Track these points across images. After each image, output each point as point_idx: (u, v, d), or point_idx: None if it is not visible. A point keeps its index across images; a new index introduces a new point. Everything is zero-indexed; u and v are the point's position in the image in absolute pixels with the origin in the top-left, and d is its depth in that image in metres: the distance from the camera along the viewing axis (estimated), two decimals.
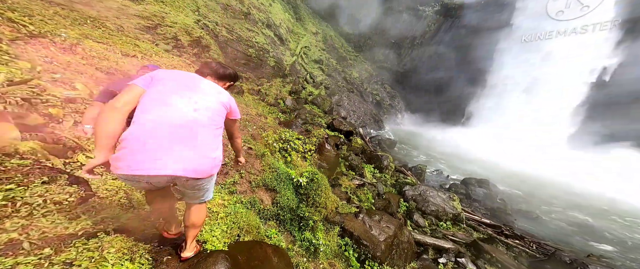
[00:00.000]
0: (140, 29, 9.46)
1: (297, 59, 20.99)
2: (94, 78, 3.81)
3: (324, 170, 6.60)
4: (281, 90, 17.04)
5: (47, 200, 1.48)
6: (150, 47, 8.98)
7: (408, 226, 6.57)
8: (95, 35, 6.93)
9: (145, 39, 9.41)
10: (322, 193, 3.63)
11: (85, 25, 7.21)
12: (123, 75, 4.80)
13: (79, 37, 5.68)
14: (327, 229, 3.96)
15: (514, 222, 8.33)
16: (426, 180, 11.19)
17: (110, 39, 7.30)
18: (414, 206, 7.07)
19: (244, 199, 3.01)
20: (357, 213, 5.21)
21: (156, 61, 7.91)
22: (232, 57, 13.95)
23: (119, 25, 8.71)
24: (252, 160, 3.85)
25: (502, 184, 11.36)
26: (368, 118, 20.17)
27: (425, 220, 6.63)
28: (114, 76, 4.59)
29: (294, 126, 7.98)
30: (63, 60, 3.64)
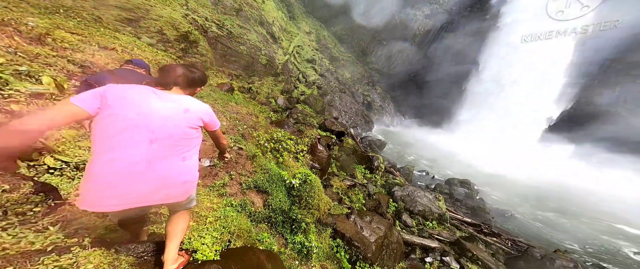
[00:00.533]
0: (121, 21, 8.83)
1: (290, 58, 20.71)
2: (65, 71, 3.48)
3: (316, 171, 6.54)
4: (273, 89, 16.73)
5: (8, 211, 1.29)
6: (132, 40, 8.40)
7: (397, 226, 6.66)
8: (68, 25, 6.36)
9: (126, 32, 8.80)
10: (315, 195, 3.55)
11: (57, 15, 6.60)
12: (101, 68, 4.44)
13: (48, 27, 5.21)
14: (319, 231, 3.90)
15: (492, 220, 8.72)
16: (413, 181, 11.44)
17: (86, 30, 6.73)
18: (402, 207, 7.18)
19: (234, 202, 2.87)
20: (349, 214, 5.19)
21: (138, 54, 7.44)
22: (221, 53, 13.48)
23: (97, 16, 8.08)
24: (243, 161, 3.70)
25: (481, 184, 11.92)
26: (359, 119, 20.32)
27: (413, 220, 6.75)
28: (89, 69, 4.24)
29: (286, 126, 7.83)
30: (30, 52, 3.29)
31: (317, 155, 6.73)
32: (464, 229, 6.94)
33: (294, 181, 3.53)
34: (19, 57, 2.80)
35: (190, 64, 1.48)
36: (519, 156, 18.67)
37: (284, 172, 3.77)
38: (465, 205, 9.51)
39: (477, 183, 11.79)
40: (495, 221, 8.69)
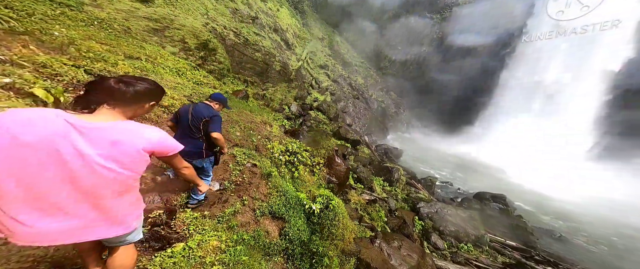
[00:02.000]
0: (147, 31, 9.12)
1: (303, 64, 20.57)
2: (74, 81, 3.27)
3: (334, 186, 5.99)
4: (286, 95, 16.54)
5: None
6: (157, 49, 8.57)
7: (425, 248, 5.89)
8: (100, 36, 6.52)
9: (152, 41, 9.05)
10: (339, 223, 3.01)
11: (91, 27, 6.85)
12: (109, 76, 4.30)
13: (76, 37, 5.25)
14: (341, 262, 3.33)
15: (537, 242, 7.56)
16: (436, 193, 10.48)
17: (115, 40, 6.89)
18: (430, 225, 6.38)
19: (247, 235, 2.41)
20: (373, 238, 4.56)
21: (160, 63, 7.47)
22: (238, 60, 13.53)
23: (127, 27, 8.37)
24: (257, 181, 3.25)
25: (516, 199, 10.58)
26: (373, 126, 19.56)
27: (444, 242, 5.94)
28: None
29: (300, 136, 7.39)
30: (36, 61, 3.10)
31: (334, 168, 6.18)
32: (507, 254, 5.98)
33: (315, 207, 3.01)
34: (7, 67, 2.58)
35: (124, 75, 1.13)
36: (564, 169, 16.27)
37: (302, 194, 3.27)
38: (500, 223, 8.40)
39: (513, 198, 10.50)
40: (540, 243, 7.51)
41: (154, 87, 1.11)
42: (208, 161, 2.32)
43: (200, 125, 2.16)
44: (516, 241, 6.77)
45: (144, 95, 1.07)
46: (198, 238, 2.02)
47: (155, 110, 3.68)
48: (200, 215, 2.31)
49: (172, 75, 7.28)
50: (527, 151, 19.24)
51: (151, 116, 3.77)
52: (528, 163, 17.33)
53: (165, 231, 2.02)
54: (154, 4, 10.09)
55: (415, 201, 7.28)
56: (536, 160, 17.99)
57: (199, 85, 7.80)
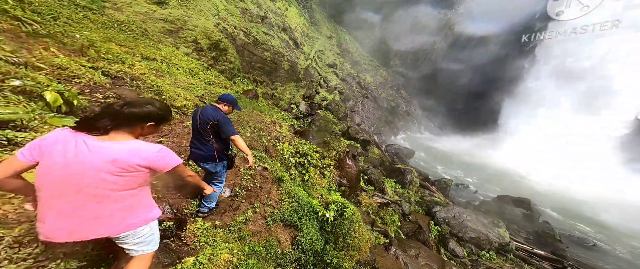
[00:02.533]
0: (163, 33, 9.29)
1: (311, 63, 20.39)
2: (90, 84, 3.25)
3: (345, 188, 5.79)
4: (295, 94, 16.44)
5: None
6: (172, 50, 8.70)
7: (443, 255, 5.57)
8: (119, 38, 6.65)
9: (168, 43, 9.20)
10: (355, 233, 2.82)
11: (111, 29, 7.02)
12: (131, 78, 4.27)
13: (96, 40, 5.34)
14: None
15: (566, 250, 7.00)
16: (451, 195, 10.02)
17: (134, 42, 7.01)
18: (447, 231, 6.05)
19: (258, 246, 2.27)
20: (388, 245, 4.33)
21: (175, 64, 7.55)
22: (248, 60, 13.56)
23: (144, 29, 8.54)
24: (268, 186, 3.11)
25: (542, 204, 9.86)
26: (382, 125, 19.11)
27: (463, 249, 5.60)
28: (121, 80, 4.09)
29: (310, 136, 7.23)
30: (54, 63, 3.10)
31: (345, 170, 5.98)
32: (534, 263, 5.55)
33: (328, 214, 2.83)
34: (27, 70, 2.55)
35: (131, 100, 1.28)
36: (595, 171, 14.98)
37: (315, 201, 3.10)
38: (524, 229, 7.87)
39: (538, 201, 9.79)
40: (570, 252, 6.94)
41: (154, 110, 1.25)
42: (221, 165, 2.19)
43: (208, 128, 2.06)
44: (543, 249, 6.28)
45: (144, 118, 1.22)
46: (209, 251, 1.90)
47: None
48: (211, 225, 2.20)
49: (186, 75, 7.32)
50: (554, 152, 17.93)
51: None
52: (555, 165, 16.14)
53: (175, 244, 1.91)
54: (169, 6, 10.25)
55: (431, 205, 6.95)
56: (564, 161, 16.69)
57: (211, 85, 7.81)
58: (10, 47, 2.86)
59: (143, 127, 1.24)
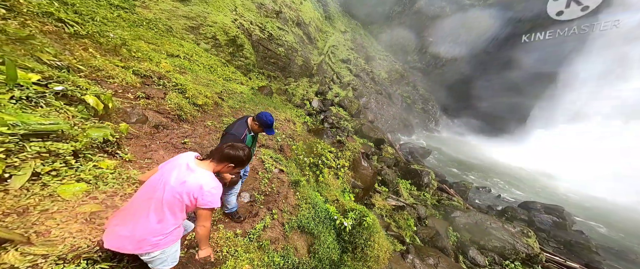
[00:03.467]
0: (186, 30, 9.52)
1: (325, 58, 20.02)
2: (123, 84, 3.32)
3: (359, 190, 5.64)
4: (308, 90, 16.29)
5: None
6: (193, 46, 8.87)
7: (461, 263, 5.30)
8: (148, 36, 6.83)
9: (189, 39, 9.41)
10: (373, 243, 2.68)
11: (141, 27, 7.25)
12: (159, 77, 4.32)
13: (127, 38, 5.48)
14: None
15: (603, 263, 6.41)
16: (470, 199, 9.52)
17: (160, 39, 7.19)
18: (468, 238, 5.73)
19: (277, 256, 2.21)
20: (404, 252, 4.16)
21: (195, 60, 7.69)
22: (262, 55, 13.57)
23: (169, 26, 8.77)
24: (285, 190, 3.05)
25: (575, 212, 9.05)
26: (397, 123, 18.51)
27: (484, 258, 5.28)
28: (149, 80, 4.15)
29: (324, 135, 7.10)
30: (92, 64, 3.18)
31: (360, 172, 5.81)
32: None
33: (346, 223, 2.71)
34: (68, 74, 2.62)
35: (233, 143, 1.55)
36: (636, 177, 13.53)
37: (332, 208, 2.98)
38: (554, 238, 7.28)
39: (571, 209, 9.01)
40: (607, 264, 6.36)
41: (242, 156, 1.48)
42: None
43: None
44: (577, 261, 5.78)
45: (227, 158, 1.45)
46: (231, 263, 1.86)
47: (191, 110, 3.64)
48: (233, 233, 2.16)
49: (206, 71, 7.42)
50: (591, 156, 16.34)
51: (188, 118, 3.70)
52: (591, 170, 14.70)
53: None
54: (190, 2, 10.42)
55: (449, 210, 6.61)
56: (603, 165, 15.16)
57: (228, 82, 7.88)
58: (53, 50, 2.96)
59: (226, 165, 1.44)
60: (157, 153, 2.27)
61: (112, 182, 1.75)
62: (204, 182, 1.29)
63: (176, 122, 2.98)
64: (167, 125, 2.79)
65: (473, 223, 5.76)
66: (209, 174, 1.35)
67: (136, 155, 2.11)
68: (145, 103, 2.94)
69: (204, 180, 1.30)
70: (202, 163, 1.39)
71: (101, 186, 1.70)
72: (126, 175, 1.85)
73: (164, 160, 2.18)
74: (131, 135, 2.31)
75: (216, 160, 1.41)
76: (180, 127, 2.95)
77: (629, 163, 15.20)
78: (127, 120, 2.42)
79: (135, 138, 2.31)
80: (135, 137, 2.32)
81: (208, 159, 1.42)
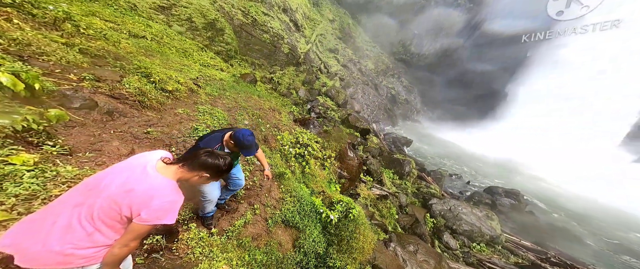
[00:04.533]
0: (154, 9, 8.44)
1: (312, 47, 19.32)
2: (62, 62, 2.75)
3: (345, 181, 5.61)
4: (294, 79, 15.72)
5: None
6: (163, 28, 7.94)
7: (437, 247, 5.61)
8: (105, 13, 5.92)
9: (159, 20, 8.39)
10: (359, 235, 2.63)
11: (96, 2, 6.29)
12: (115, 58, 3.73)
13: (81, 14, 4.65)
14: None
15: (548, 239, 7.20)
16: (445, 186, 10.07)
17: (121, 18, 6.30)
18: (442, 224, 6.05)
19: (259, 253, 2.05)
20: (387, 241, 4.25)
21: (166, 43, 6.90)
22: (245, 42, 12.67)
23: (133, 4, 7.72)
24: (268, 183, 2.85)
25: (530, 195, 10.06)
26: (381, 113, 18.77)
27: (456, 241, 5.63)
28: (103, 60, 3.55)
29: (311, 126, 6.89)
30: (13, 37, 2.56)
31: (346, 163, 5.76)
32: (521, 254, 5.66)
33: (333, 216, 2.61)
34: None
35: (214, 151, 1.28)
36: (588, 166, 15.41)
37: (318, 200, 2.86)
38: (511, 219, 8.03)
39: (526, 191, 9.99)
40: (552, 241, 7.16)
41: (220, 166, 1.25)
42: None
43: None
44: (529, 240, 6.42)
45: (203, 167, 1.20)
46: (205, 265, 1.66)
47: (157, 96, 3.19)
48: (207, 233, 1.94)
49: (179, 56, 6.71)
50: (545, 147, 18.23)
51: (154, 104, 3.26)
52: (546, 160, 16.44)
53: (166, 258, 1.66)
54: None
55: (427, 197, 6.90)
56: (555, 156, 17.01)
57: (206, 67, 7.23)
58: None
59: (200, 174, 1.20)
60: (109, 144, 1.91)
61: (29, 182, 1.36)
62: (158, 195, 1.02)
63: (137, 109, 2.57)
64: (124, 112, 2.38)
65: (447, 209, 6.07)
66: (169, 184, 1.09)
67: (78, 147, 1.72)
68: (92, 85, 2.45)
69: (158, 192, 1.03)
70: (166, 169, 1.12)
71: (10, 188, 1.31)
72: (54, 172, 1.49)
73: (118, 153, 1.87)
74: (73, 123, 1.90)
75: (188, 167, 1.16)
76: (142, 115, 2.55)
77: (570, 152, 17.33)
78: (68, 105, 1.98)
79: (80, 127, 1.91)
80: (80, 125, 1.92)
81: (178, 164, 1.16)
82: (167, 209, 1.03)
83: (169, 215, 1.03)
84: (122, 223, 1.00)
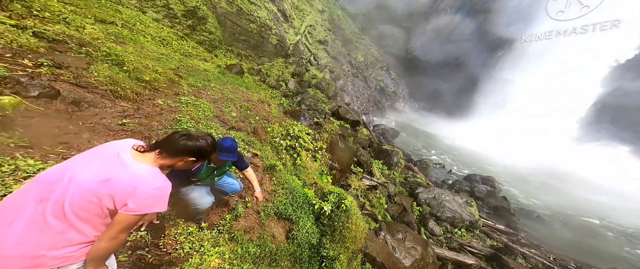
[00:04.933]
0: None
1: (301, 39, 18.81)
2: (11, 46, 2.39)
3: (336, 172, 5.63)
4: (283, 71, 15.31)
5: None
6: (136, 14, 7.27)
7: (423, 234, 5.87)
8: None
9: (131, 5, 7.66)
10: (351, 225, 2.64)
11: None
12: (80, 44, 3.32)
13: None
14: (349, 260, 3.08)
15: (517, 222, 7.85)
16: (430, 175, 10.51)
17: (84, 1, 5.66)
18: (427, 211, 6.32)
19: (252, 246, 1.99)
20: (378, 230, 4.36)
21: (141, 31, 6.34)
22: (231, 31, 12.03)
23: None
24: (260, 175, 2.76)
25: (503, 181, 10.88)
26: (371, 105, 18.95)
27: (440, 228, 5.92)
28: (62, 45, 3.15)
29: (301, 117, 6.78)
30: None
31: (337, 154, 5.76)
32: (495, 237, 6.10)
33: (325, 207, 2.60)
34: None
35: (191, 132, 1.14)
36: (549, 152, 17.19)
37: (311, 192, 2.83)
38: (487, 204, 8.59)
39: (499, 178, 10.77)
40: (520, 223, 7.82)
41: (205, 146, 1.15)
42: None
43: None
44: (502, 223, 6.94)
45: (185, 152, 1.10)
46: (196, 260, 1.57)
47: (132, 85, 2.91)
48: (196, 228, 1.84)
49: (155, 44, 6.20)
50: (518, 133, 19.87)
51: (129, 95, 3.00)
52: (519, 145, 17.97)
53: (153, 255, 1.55)
54: None
55: (414, 186, 7.14)
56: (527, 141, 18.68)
57: (188, 57, 6.78)
58: None
59: (183, 159, 1.12)
60: (79, 136, 1.70)
61: None
62: (143, 182, 0.93)
63: (110, 99, 2.33)
64: (94, 102, 2.14)
65: (432, 197, 6.33)
66: (153, 170, 1.00)
67: (40, 140, 1.51)
68: (52, 72, 2.17)
69: (143, 179, 0.94)
70: (143, 157, 1.02)
71: None
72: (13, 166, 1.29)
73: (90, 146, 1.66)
74: (32, 113, 1.66)
75: (167, 153, 1.06)
76: (116, 105, 2.32)
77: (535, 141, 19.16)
78: (24, 93, 1.73)
79: (40, 117, 1.68)
80: (40, 116, 1.69)
81: (153, 151, 1.05)
82: (157, 196, 0.96)
83: (160, 202, 0.97)
84: (103, 217, 0.89)
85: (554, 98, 21.07)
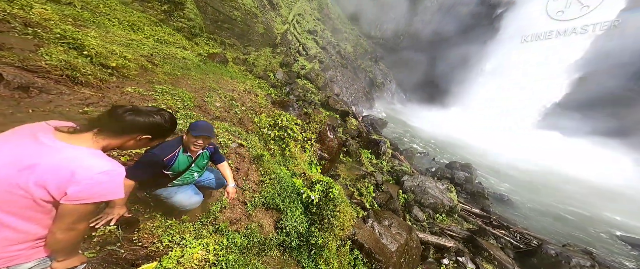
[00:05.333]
0: None
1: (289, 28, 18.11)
2: None
3: (325, 162, 5.63)
4: (271, 61, 14.77)
5: None
6: None
7: (408, 220, 6.13)
8: None
9: None
10: (340, 213, 2.66)
11: None
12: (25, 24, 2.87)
13: None
14: (338, 246, 3.13)
15: (490, 206, 8.47)
16: (415, 163, 10.90)
17: None
18: (412, 198, 6.57)
19: (239, 237, 1.93)
20: (365, 217, 4.46)
21: (105, 14, 5.66)
22: (213, 18, 11.26)
23: None
24: (246, 167, 2.66)
25: (479, 167, 11.69)
26: (360, 96, 19.00)
27: (423, 214, 6.19)
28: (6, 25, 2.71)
29: (290, 107, 6.62)
30: None
31: (326, 144, 5.73)
32: (472, 220, 6.53)
33: (313, 196, 2.58)
34: None
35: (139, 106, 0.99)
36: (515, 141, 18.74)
37: (299, 181, 2.79)
38: (465, 190, 9.14)
39: (476, 165, 11.53)
40: (493, 206, 8.46)
41: (161, 122, 1.01)
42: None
43: None
44: (477, 207, 7.45)
45: (135, 129, 0.95)
46: (177, 252, 1.48)
47: (95, 72, 2.60)
48: (176, 220, 1.73)
49: (124, 29, 5.62)
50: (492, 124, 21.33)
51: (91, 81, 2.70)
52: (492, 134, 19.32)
53: (126, 250, 1.43)
54: None
55: (400, 174, 7.36)
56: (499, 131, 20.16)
57: (163, 44, 6.27)
58: None
59: (134, 138, 0.96)
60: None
61: None
62: (82, 166, 0.78)
63: (67, 85, 2.07)
64: (47, 88, 1.88)
65: (416, 184, 6.58)
66: (93, 152, 0.85)
67: None
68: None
69: (82, 163, 0.79)
70: (75, 138, 0.85)
71: None
72: None
73: None
74: None
75: (109, 132, 0.90)
76: (75, 92, 2.07)
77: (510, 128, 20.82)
78: None
79: None
80: None
81: (87, 131, 0.88)
82: (105, 181, 0.81)
83: (111, 189, 0.82)
84: (42, 210, 0.76)
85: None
